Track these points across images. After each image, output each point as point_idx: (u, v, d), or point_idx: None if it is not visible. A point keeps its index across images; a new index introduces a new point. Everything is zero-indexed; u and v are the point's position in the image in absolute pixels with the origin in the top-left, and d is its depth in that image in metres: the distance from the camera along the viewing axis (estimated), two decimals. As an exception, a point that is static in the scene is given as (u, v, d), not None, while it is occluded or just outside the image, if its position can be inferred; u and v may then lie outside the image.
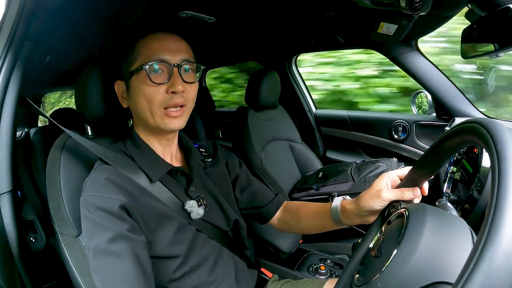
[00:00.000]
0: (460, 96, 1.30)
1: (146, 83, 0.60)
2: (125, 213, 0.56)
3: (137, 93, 0.62)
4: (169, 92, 0.60)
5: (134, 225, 0.57)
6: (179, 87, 0.60)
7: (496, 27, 0.80)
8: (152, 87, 0.60)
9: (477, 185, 0.84)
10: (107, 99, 0.72)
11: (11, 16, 0.68)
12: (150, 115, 0.62)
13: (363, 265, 0.46)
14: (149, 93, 0.60)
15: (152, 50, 0.60)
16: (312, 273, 1.12)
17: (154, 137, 0.68)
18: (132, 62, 0.62)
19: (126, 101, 0.67)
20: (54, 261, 0.98)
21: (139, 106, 0.63)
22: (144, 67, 0.59)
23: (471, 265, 0.24)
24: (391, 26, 1.09)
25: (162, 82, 0.60)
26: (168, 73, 0.61)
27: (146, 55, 0.60)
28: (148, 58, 0.60)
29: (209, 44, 1.55)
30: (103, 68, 0.72)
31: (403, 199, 0.57)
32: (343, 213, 0.68)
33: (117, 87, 0.67)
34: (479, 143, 0.33)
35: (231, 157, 0.83)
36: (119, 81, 0.67)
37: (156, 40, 0.62)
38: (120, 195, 0.57)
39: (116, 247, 0.53)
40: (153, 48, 0.61)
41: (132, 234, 0.55)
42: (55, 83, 2.04)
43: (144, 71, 0.59)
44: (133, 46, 0.63)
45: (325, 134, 1.90)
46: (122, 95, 0.67)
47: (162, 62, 0.60)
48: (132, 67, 0.62)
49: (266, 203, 0.81)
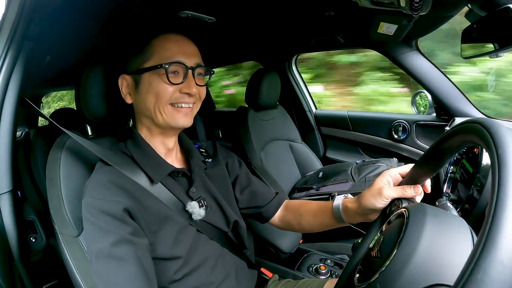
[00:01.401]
0: (460, 96, 1.30)
1: (163, 81, 0.62)
2: (128, 216, 0.56)
3: (149, 89, 0.63)
4: (183, 92, 0.63)
5: (136, 228, 0.57)
6: (193, 89, 0.63)
7: (496, 27, 0.80)
8: (167, 86, 0.62)
9: (477, 185, 0.84)
10: (107, 99, 0.72)
11: (11, 16, 0.68)
12: (158, 112, 0.63)
13: (363, 265, 0.46)
14: (163, 90, 0.62)
15: (169, 51, 0.62)
16: (312, 273, 1.12)
17: (157, 137, 0.68)
18: (145, 59, 0.63)
19: (130, 96, 0.67)
20: (54, 261, 0.98)
21: (149, 102, 0.63)
22: (164, 66, 0.61)
23: (466, 274, 0.24)
24: (391, 26, 1.09)
25: (178, 83, 0.62)
26: (183, 75, 0.63)
27: (164, 55, 0.62)
28: (166, 58, 0.62)
29: (209, 44, 1.55)
30: (104, 68, 0.72)
31: (405, 197, 0.57)
32: (345, 211, 0.68)
33: (122, 81, 0.67)
34: (481, 144, 0.33)
35: (231, 157, 0.83)
36: (125, 75, 0.66)
37: (173, 42, 0.64)
38: (123, 197, 0.57)
39: (119, 251, 0.53)
40: (170, 49, 0.63)
41: (135, 238, 0.55)
42: (55, 83, 2.04)
43: (163, 69, 0.61)
44: (147, 43, 0.64)
45: (325, 134, 1.90)
46: (127, 90, 0.67)
47: (180, 64, 0.62)
48: (146, 64, 0.63)
49: (266, 203, 0.81)
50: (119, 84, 0.67)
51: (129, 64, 0.66)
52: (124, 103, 0.68)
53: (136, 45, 0.66)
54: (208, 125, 2.63)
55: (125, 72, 0.67)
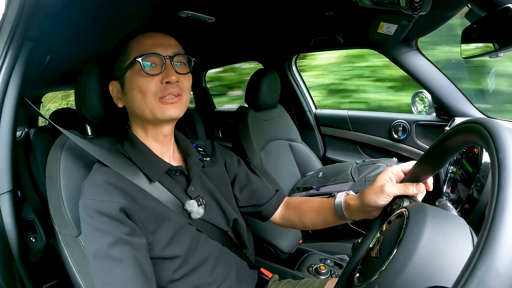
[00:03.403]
0: (460, 96, 1.30)
1: (141, 75, 0.61)
2: (124, 216, 0.56)
3: (132, 87, 0.63)
4: (164, 83, 0.61)
5: (134, 228, 0.57)
6: (173, 77, 0.61)
7: (496, 27, 0.80)
8: (147, 78, 0.61)
9: (477, 185, 0.84)
10: (107, 99, 0.72)
11: (11, 16, 0.68)
12: (146, 107, 0.62)
13: (363, 265, 0.46)
14: (143, 85, 0.61)
15: (144, 46, 0.62)
16: (312, 273, 1.12)
17: (151, 135, 0.68)
18: (125, 60, 0.64)
19: (121, 101, 0.68)
20: (54, 261, 0.98)
21: (134, 100, 0.63)
22: (137, 59, 0.61)
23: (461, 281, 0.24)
24: (391, 26, 1.10)
25: (156, 73, 0.61)
26: (161, 65, 0.62)
27: (138, 51, 0.62)
28: (141, 52, 0.62)
29: (209, 44, 1.55)
30: (103, 68, 0.72)
31: (407, 194, 0.57)
32: (347, 208, 0.68)
33: (112, 87, 0.68)
34: (482, 145, 0.33)
35: (229, 156, 0.83)
36: (113, 81, 0.67)
37: (147, 38, 0.64)
38: (119, 197, 0.57)
39: (116, 252, 0.53)
40: (144, 44, 0.63)
41: (132, 238, 0.55)
42: (55, 83, 2.04)
43: (137, 63, 0.61)
44: (125, 45, 0.64)
45: (325, 134, 1.90)
46: (117, 95, 0.68)
47: (155, 55, 0.62)
48: (125, 64, 0.63)
49: (266, 201, 0.81)
50: (110, 91, 0.68)
51: (114, 69, 0.67)
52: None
53: (115, 50, 0.67)
54: (208, 125, 2.63)
55: (113, 78, 0.67)
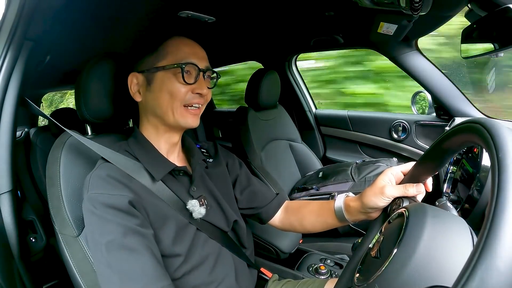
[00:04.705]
0: (460, 96, 1.30)
1: (177, 80, 0.64)
2: (133, 208, 0.57)
3: (162, 87, 0.64)
4: (194, 92, 0.65)
5: (143, 220, 0.58)
6: (204, 90, 0.66)
7: (496, 27, 0.80)
8: (181, 85, 0.64)
9: (477, 185, 0.84)
10: (107, 99, 0.72)
11: (11, 16, 0.68)
12: (170, 111, 0.64)
13: (363, 265, 0.46)
14: (176, 89, 0.64)
15: (184, 53, 0.65)
16: (312, 273, 1.12)
17: (163, 136, 0.68)
18: (159, 59, 0.65)
19: (139, 95, 0.68)
20: (54, 261, 0.98)
21: (161, 100, 0.64)
22: (180, 65, 0.63)
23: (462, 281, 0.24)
24: (391, 26, 1.10)
25: (191, 83, 0.64)
26: (195, 76, 0.65)
27: (178, 56, 0.64)
28: (181, 58, 0.64)
29: (209, 44, 1.55)
30: (104, 68, 0.72)
31: (407, 195, 0.57)
32: (347, 210, 0.68)
33: (132, 79, 0.67)
34: (482, 145, 0.33)
35: (231, 158, 0.84)
36: (136, 73, 0.67)
37: (187, 45, 0.67)
38: (126, 191, 0.58)
39: (130, 241, 0.53)
40: (184, 51, 0.65)
41: (143, 229, 0.56)
42: (55, 83, 2.04)
43: (179, 69, 0.63)
44: (161, 43, 0.66)
45: (325, 134, 1.90)
46: (136, 88, 0.68)
47: (194, 66, 0.65)
48: (160, 63, 0.65)
49: (266, 203, 0.81)
50: (129, 82, 0.67)
51: (139, 63, 0.67)
52: (126, 102, 0.69)
53: (149, 45, 0.67)
54: (208, 125, 2.63)
55: (135, 71, 0.67)
